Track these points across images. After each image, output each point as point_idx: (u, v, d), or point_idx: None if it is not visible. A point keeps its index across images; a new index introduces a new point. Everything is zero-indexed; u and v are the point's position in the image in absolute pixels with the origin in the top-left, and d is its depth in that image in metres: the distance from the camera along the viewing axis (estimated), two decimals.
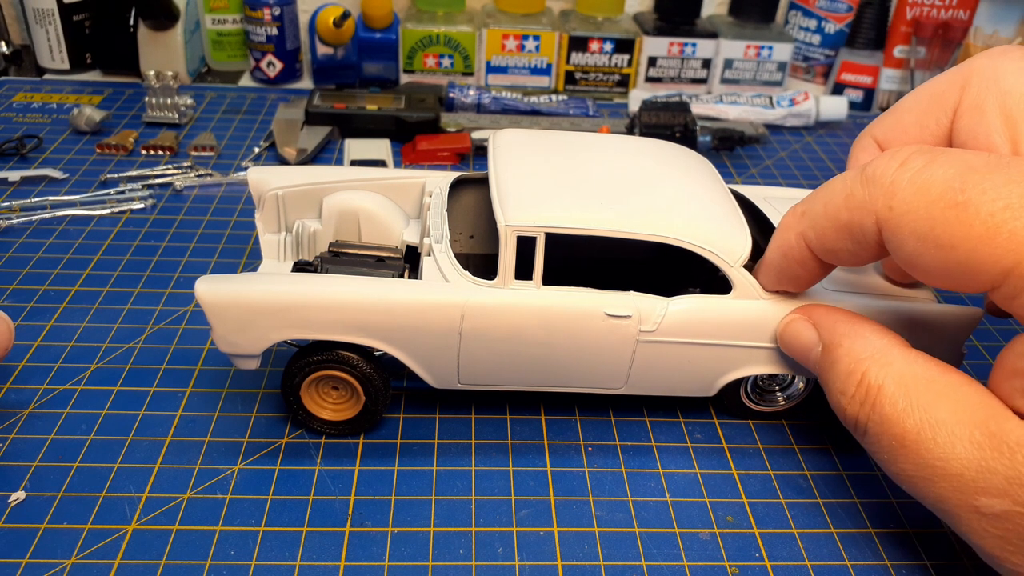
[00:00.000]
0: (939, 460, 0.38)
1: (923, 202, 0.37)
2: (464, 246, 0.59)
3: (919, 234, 0.37)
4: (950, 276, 0.38)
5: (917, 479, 0.39)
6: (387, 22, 0.99)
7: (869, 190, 0.40)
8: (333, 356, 0.48)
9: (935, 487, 0.38)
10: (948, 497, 0.38)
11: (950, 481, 0.38)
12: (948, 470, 0.38)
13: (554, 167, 0.51)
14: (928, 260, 0.38)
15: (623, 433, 0.53)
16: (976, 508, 0.37)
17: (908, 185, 0.38)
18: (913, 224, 0.38)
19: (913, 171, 0.38)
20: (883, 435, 0.40)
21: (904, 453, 0.39)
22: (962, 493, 0.37)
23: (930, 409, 0.39)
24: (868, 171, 0.40)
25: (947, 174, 0.37)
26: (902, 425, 0.39)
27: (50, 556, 0.43)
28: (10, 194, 0.75)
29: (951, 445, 0.37)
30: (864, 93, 1.05)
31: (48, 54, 0.99)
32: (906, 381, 0.40)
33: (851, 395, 0.42)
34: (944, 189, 0.37)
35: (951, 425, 0.38)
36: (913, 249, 0.38)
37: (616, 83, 1.06)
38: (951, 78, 0.46)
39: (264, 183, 0.57)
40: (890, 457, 0.40)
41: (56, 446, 0.49)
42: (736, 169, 0.88)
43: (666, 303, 0.48)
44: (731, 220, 0.50)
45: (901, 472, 0.40)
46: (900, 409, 0.40)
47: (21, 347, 0.57)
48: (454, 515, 0.47)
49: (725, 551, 0.46)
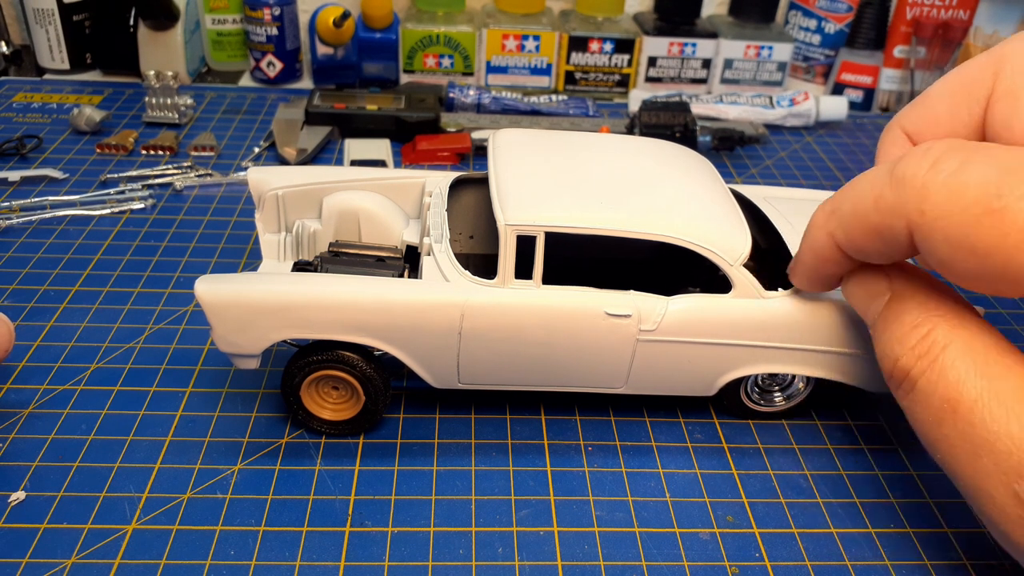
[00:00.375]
0: (990, 434, 0.36)
1: (957, 208, 0.35)
2: (464, 246, 0.59)
3: (953, 240, 0.36)
4: (986, 282, 0.37)
5: (958, 449, 0.38)
6: (387, 22, 0.99)
7: (899, 193, 0.38)
8: (333, 356, 0.48)
9: (977, 461, 0.37)
10: (989, 473, 0.37)
11: (996, 458, 0.36)
12: (997, 446, 0.36)
13: (554, 167, 0.51)
14: (963, 267, 0.36)
15: (623, 433, 0.53)
16: (1016, 493, 0.36)
17: (941, 188, 0.36)
18: (946, 230, 0.36)
19: (946, 174, 0.36)
20: (934, 395, 0.39)
21: (953, 419, 0.38)
22: (1005, 473, 0.36)
23: (994, 380, 0.37)
24: (898, 172, 0.38)
25: (982, 177, 0.35)
26: (960, 390, 0.38)
27: (50, 556, 0.43)
28: (10, 194, 0.75)
29: (1007, 422, 0.36)
30: (864, 93, 1.05)
31: (48, 54, 0.99)
32: (974, 348, 0.39)
33: (911, 346, 0.40)
34: (979, 194, 0.35)
35: (1011, 402, 0.36)
36: (947, 255, 0.37)
37: (616, 83, 1.06)
38: (982, 64, 0.44)
39: (264, 183, 0.57)
40: (935, 419, 0.39)
41: (56, 446, 0.49)
42: (736, 169, 0.88)
43: (666, 302, 0.48)
44: (731, 219, 0.50)
45: (943, 438, 0.39)
46: (963, 373, 0.38)
47: (21, 347, 0.57)
48: (454, 515, 0.47)
49: (725, 551, 0.46)
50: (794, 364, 0.51)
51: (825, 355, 0.51)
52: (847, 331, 0.50)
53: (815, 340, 0.50)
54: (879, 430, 0.55)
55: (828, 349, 0.50)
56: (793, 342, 0.50)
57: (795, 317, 0.49)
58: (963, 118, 0.44)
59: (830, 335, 0.50)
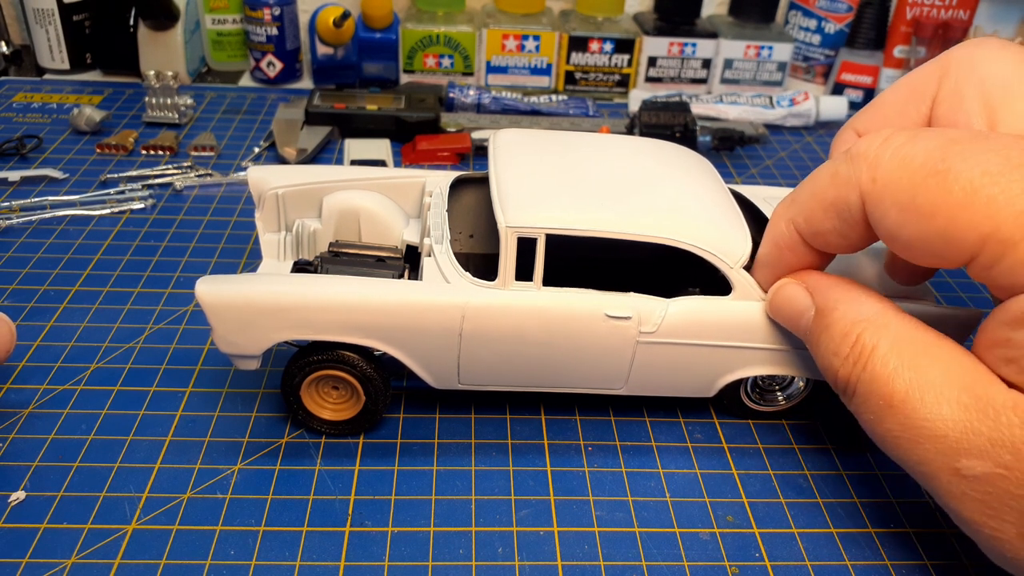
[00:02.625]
0: (925, 421, 0.38)
1: (905, 172, 0.38)
2: (464, 246, 0.59)
3: (901, 204, 0.38)
4: (931, 247, 0.38)
5: (901, 440, 0.39)
6: (387, 22, 0.99)
7: (853, 166, 0.41)
8: (333, 356, 0.48)
9: (919, 448, 0.39)
10: (931, 459, 0.38)
11: (934, 443, 0.38)
12: (933, 431, 0.38)
13: (554, 167, 0.51)
14: (909, 231, 0.38)
15: (623, 433, 0.53)
16: (957, 470, 0.37)
17: (891, 158, 0.39)
18: (895, 195, 0.38)
19: (896, 145, 0.39)
20: (872, 395, 0.41)
21: (891, 413, 0.40)
22: (945, 455, 0.38)
23: (921, 370, 0.39)
24: (852, 150, 0.41)
25: (929, 146, 0.38)
26: (891, 385, 0.40)
27: (50, 556, 0.43)
28: (10, 194, 0.75)
29: (938, 406, 0.38)
30: (864, 93, 1.05)
31: (48, 54, 0.99)
32: (900, 343, 0.41)
33: (844, 356, 0.42)
34: (925, 159, 0.38)
35: (940, 387, 0.38)
36: (895, 220, 0.39)
37: (616, 83, 1.06)
38: (929, 69, 0.47)
39: (264, 183, 0.57)
40: (876, 417, 0.41)
41: (56, 446, 0.49)
42: (736, 169, 0.88)
43: (666, 304, 0.48)
44: (731, 221, 0.50)
45: (887, 433, 0.40)
46: (891, 369, 0.40)
47: (21, 347, 0.57)
48: (454, 515, 0.47)
49: (725, 551, 0.46)
50: (794, 366, 0.51)
51: None
52: None
53: None
54: None
55: None
56: (793, 344, 0.50)
57: None
58: (911, 116, 0.47)
59: None
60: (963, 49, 0.46)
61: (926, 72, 0.47)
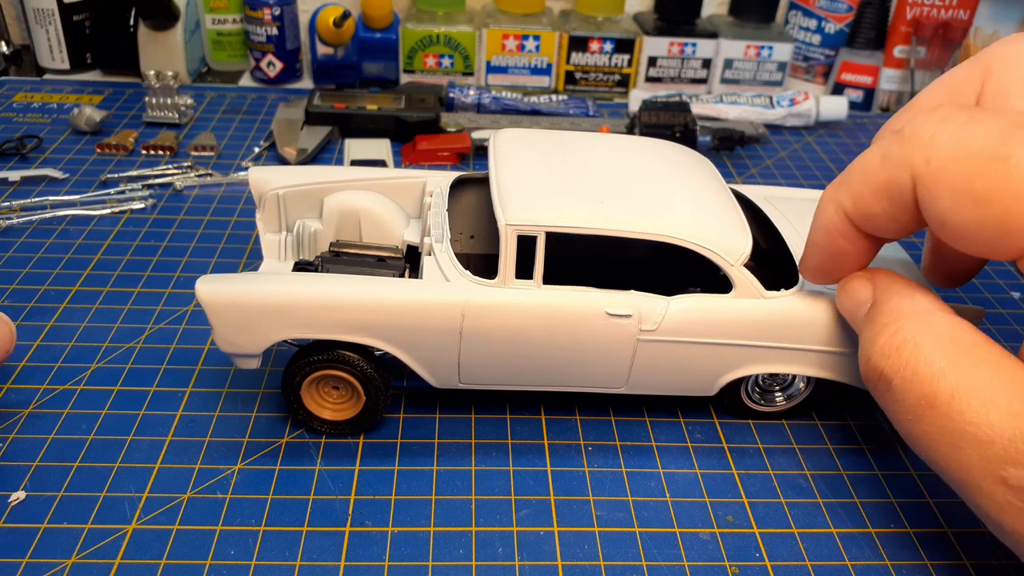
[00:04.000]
0: (970, 425, 0.36)
1: (962, 155, 0.36)
2: (465, 246, 0.59)
3: (955, 188, 0.36)
4: (983, 236, 0.37)
5: (940, 443, 0.38)
6: (387, 22, 0.99)
7: (907, 147, 0.39)
8: (333, 356, 0.48)
9: (959, 453, 0.37)
10: (973, 465, 0.37)
11: (978, 448, 0.36)
12: (978, 436, 0.36)
13: (554, 167, 0.51)
14: (961, 218, 0.37)
15: (623, 433, 0.53)
16: (1003, 479, 0.36)
17: (948, 139, 0.37)
18: (951, 178, 0.36)
19: (955, 125, 0.37)
20: (911, 392, 0.39)
21: (932, 414, 0.38)
22: (989, 462, 0.36)
23: (967, 372, 0.37)
24: (907, 129, 0.39)
25: (990, 129, 0.36)
26: (935, 384, 0.38)
27: (50, 556, 0.43)
28: (10, 194, 0.75)
29: (986, 411, 0.36)
30: (864, 93, 1.05)
31: (48, 54, 0.99)
32: (946, 342, 0.39)
33: (881, 344, 0.41)
34: (986, 143, 0.36)
35: (987, 391, 0.37)
36: (947, 205, 0.37)
37: (616, 83, 1.06)
38: (970, 68, 0.45)
39: (265, 183, 0.57)
40: (915, 417, 0.39)
41: (56, 446, 0.49)
42: (736, 169, 0.88)
43: (666, 302, 0.48)
44: (731, 219, 0.50)
45: (923, 434, 0.39)
46: (936, 368, 0.38)
47: (21, 347, 0.57)
48: (454, 515, 0.47)
49: (725, 551, 0.46)
50: (795, 364, 0.51)
51: (825, 355, 0.51)
52: (847, 331, 0.49)
53: (815, 340, 0.50)
54: (879, 430, 0.55)
55: (828, 349, 0.50)
56: (794, 342, 0.50)
57: (796, 317, 0.49)
58: None
59: (830, 335, 0.50)
60: (1003, 47, 0.44)
61: (967, 71, 0.45)
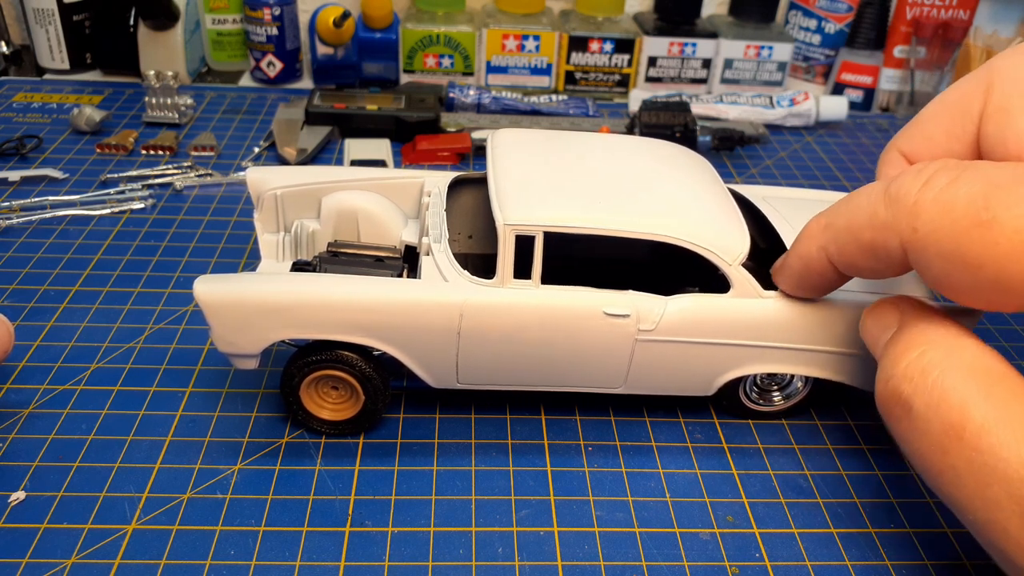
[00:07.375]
0: (1000, 460, 0.35)
1: (947, 221, 0.36)
2: (463, 246, 0.59)
3: (945, 254, 0.36)
4: (983, 296, 0.36)
5: (965, 478, 0.36)
6: (387, 22, 0.99)
7: (893, 211, 0.38)
8: (332, 356, 0.48)
9: (988, 491, 0.35)
10: (1001, 503, 0.35)
11: (1008, 486, 0.34)
12: (1008, 473, 0.34)
13: (553, 167, 0.51)
14: (957, 281, 0.36)
15: (623, 433, 0.53)
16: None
17: (932, 205, 0.37)
18: (938, 245, 0.36)
19: (937, 190, 0.37)
20: (935, 420, 0.37)
21: (959, 446, 0.36)
22: (1018, 503, 0.34)
23: (1001, 405, 0.35)
24: (892, 189, 0.39)
25: (971, 191, 0.35)
26: (964, 414, 0.36)
27: (50, 556, 0.43)
28: (10, 194, 0.75)
29: (1018, 448, 0.34)
30: (864, 93, 1.05)
31: (48, 54, 0.99)
32: (977, 371, 0.37)
33: (903, 367, 0.39)
34: (968, 208, 0.35)
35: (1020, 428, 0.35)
36: (940, 270, 0.37)
37: (616, 83, 1.06)
38: (973, 82, 0.44)
39: (263, 183, 0.57)
40: (939, 448, 0.37)
41: (56, 446, 0.49)
42: (736, 169, 0.88)
43: (665, 302, 0.48)
44: (730, 219, 0.50)
45: (948, 468, 0.37)
46: (965, 397, 0.36)
47: (21, 347, 0.57)
48: (454, 515, 0.47)
49: (725, 551, 0.46)
50: (793, 364, 0.51)
51: (824, 355, 0.51)
52: (846, 331, 0.50)
53: (814, 340, 0.50)
54: (879, 430, 0.55)
55: (827, 349, 0.50)
56: (792, 342, 0.50)
57: (794, 317, 0.49)
58: (957, 135, 0.45)
59: (829, 335, 0.50)
60: (1006, 59, 0.43)
61: (970, 86, 0.44)
